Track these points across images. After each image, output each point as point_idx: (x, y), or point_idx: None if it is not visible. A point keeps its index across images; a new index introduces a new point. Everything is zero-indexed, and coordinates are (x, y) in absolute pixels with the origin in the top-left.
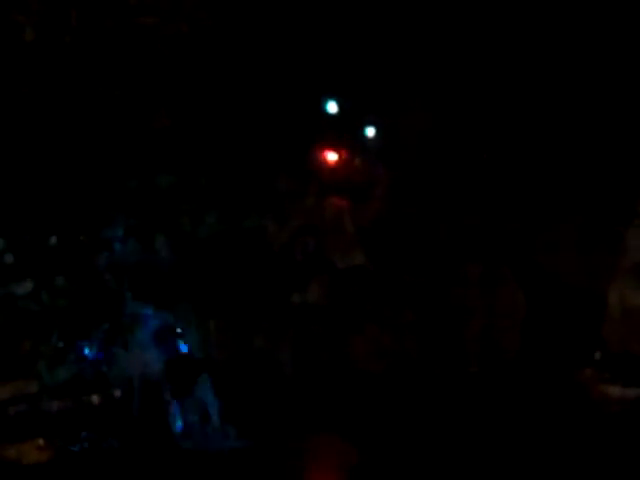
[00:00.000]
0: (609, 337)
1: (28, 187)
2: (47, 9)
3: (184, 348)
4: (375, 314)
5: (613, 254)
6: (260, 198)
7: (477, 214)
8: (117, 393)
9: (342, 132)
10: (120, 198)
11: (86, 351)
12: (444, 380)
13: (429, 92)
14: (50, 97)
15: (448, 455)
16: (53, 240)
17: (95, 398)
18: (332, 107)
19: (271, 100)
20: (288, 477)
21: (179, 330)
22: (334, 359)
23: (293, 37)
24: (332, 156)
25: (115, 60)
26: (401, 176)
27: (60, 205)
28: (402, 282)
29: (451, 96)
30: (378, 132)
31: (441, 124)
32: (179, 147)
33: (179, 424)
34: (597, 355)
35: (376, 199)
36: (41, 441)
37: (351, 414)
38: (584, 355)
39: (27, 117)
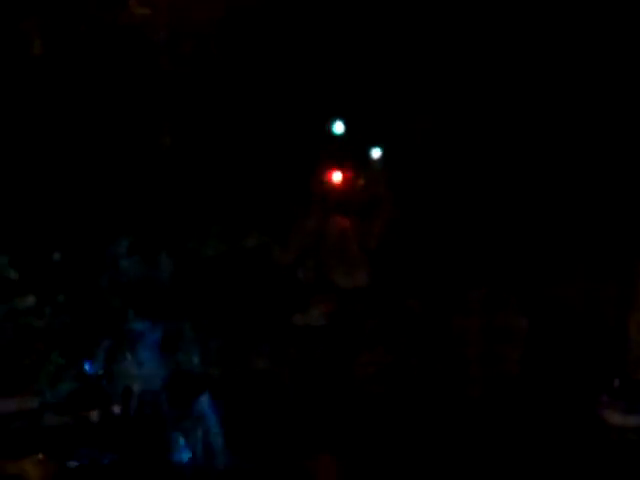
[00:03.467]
0: (629, 364)
1: (32, 202)
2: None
3: (185, 365)
4: (378, 336)
5: (624, 282)
6: (263, 218)
7: (482, 238)
8: (117, 409)
9: (347, 152)
10: (124, 215)
11: (87, 367)
12: (446, 403)
13: (434, 115)
14: (55, 110)
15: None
16: (57, 256)
17: (95, 414)
18: (338, 128)
19: (276, 119)
20: None
21: (180, 348)
22: (336, 380)
23: (299, 58)
24: (337, 176)
25: (120, 75)
26: (405, 197)
27: (64, 221)
28: (405, 304)
29: (455, 119)
30: (383, 153)
31: (446, 147)
32: (183, 165)
33: (180, 443)
34: (616, 382)
35: (380, 220)
36: (41, 457)
37: (351, 435)
38: (597, 382)
39: (32, 130)
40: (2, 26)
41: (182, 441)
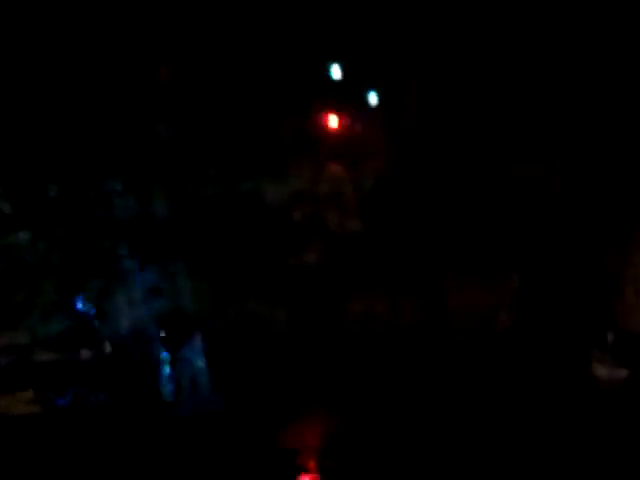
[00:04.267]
0: (623, 318)
1: (30, 135)
2: None
3: (177, 307)
4: (370, 280)
5: (620, 240)
6: (259, 161)
7: (477, 188)
8: (107, 348)
9: (344, 97)
10: (121, 151)
11: (79, 305)
12: (435, 351)
13: (432, 60)
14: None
15: (433, 427)
16: (53, 191)
17: (85, 352)
18: (336, 72)
19: (274, 61)
20: (273, 443)
21: (172, 289)
22: (329, 321)
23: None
24: (334, 121)
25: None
26: (401, 144)
27: (61, 155)
28: (397, 250)
29: (452, 67)
30: (380, 98)
31: (442, 93)
32: (181, 101)
33: (168, 384)
34: (609, 336)
35: (375, 166)
36: (31, 393)
37: (341, 381)
38: (590, 336)
39: (31, 67)
40: None
41: (170, 382)
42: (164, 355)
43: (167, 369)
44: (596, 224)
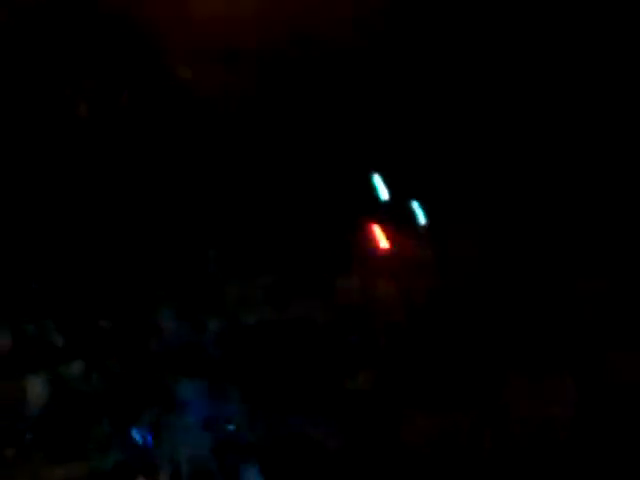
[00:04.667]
0: None
1: (79, 270)
2: None
3: (232, 433)
4: (424, 398)
5: None
6: (308, 285)
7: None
8: (165, 478)
9: (393, 217)
10: (173, 282)
11: (135, 436)
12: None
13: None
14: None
15: None
16: (105, 323)
17: None
18: (383, 192)
19: (322, 178)
20: None
21: (228, 416)
22: (383, 446)
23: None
24: (383, 242)
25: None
26: (451, 259)
27: (111, 287)
28: (450, 368)
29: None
30: (428, 215)
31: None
32: (223, 230)
33: None
34: None
35: (425, 285)
36: None
37: None
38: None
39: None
40: None
41: None
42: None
43: None
44: None
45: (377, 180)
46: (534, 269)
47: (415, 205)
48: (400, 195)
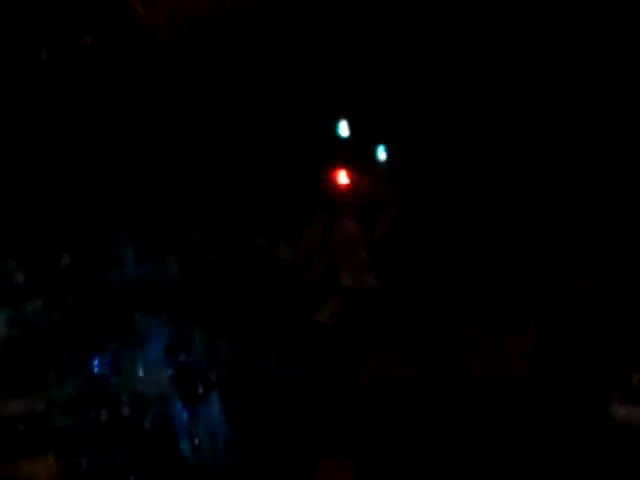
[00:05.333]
0: None
1: (38, 205)
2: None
3: (193, 365)
4: (386, 337)
5: None
6: (271, 219)
7: (490, 236)
8: (125, 410)
9: (353, 153)
10: (133, 218)
11: (95, 368)
12: (450, 403)
13: (441, 112)
14: (62, 116)
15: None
16: (65, 259)
17: (104, 414)
18: (344, 129)
19: (282, 119)
20: None
21: (188, 347)
22: (342, 381)
23: (304, 57)
24: (344, 178)
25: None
26: (412, 197)
27: (72, 223)
28: (412, 306)
29: (459, 117)
30: (389, 153)
31: (452, 146)
32: (189, 165)
33: (187, 441)
34: (636, 376)
35: (387, 220)
36: (51, 457)
37: (356, 436)
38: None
39: (37, 131)
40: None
41: (190, 441)
42: (182, 413)
43: (185, 427)
44: (618, 254)
45: (338, 118)
46: (496, 203)
47: (376, 142)
48: (361, 132)
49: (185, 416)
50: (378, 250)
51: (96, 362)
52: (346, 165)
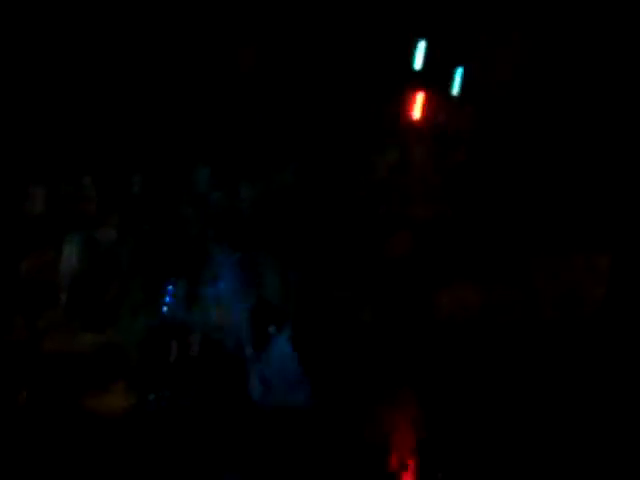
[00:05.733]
0: None
1: (114, 127)
2: None
3: (266, 300)
4: (458, 269)
5: None
6: (343, 151)
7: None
8: (196, 347)
9: (427, 83)
10: (206, 141)
11: (169, 298)
12: (521, 343)
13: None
14: None
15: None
16: (136, 188)
17: (174, 350)
18: (418, 60)
19: (359, 48)
20: (364, 434)
21: (261, 282)
22: (417, 312)
23: None
24: (418, 108)
25: None
26: (489, 125)
27: (145, 149)
28: (487, 236)
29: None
30: (466, 78)
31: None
32: (262, 93)
33: (257, 381)
34: None
35: (460, 150)
36: (122, 388)
37: (431, 368)
38: None
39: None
40: None
41: (260, 377)
42: (252, 350)
43: (256, 363)
44: None
45: (413, 48)
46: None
47: (450, 73)
48: (435, 63)
49: (256, 355)
50: (451, 180)
51: (169, 294)
52: (420, 95)
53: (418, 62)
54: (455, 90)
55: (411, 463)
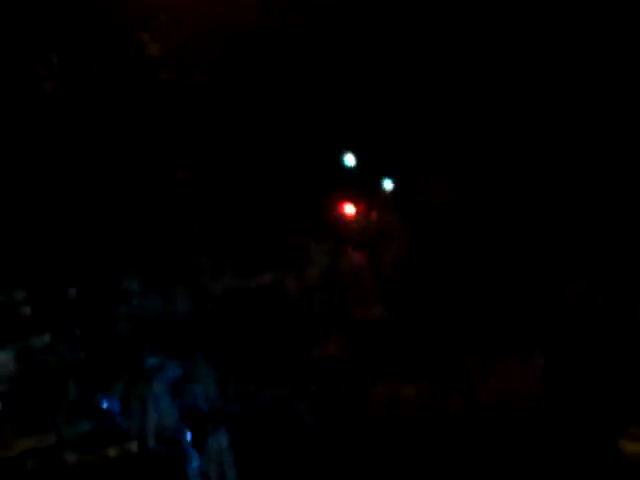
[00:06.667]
0: None
1: (47, 239)
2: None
3: (201, 400)
4: (394, 366)
5: None
6: (276, 253)
7: (495, 269)
8: (134, 446)
9: (359, 185)
10: (140, 251)
11: (104, 404)
12: (460, 431)
13: (448, 145)
14: (67, 147)
15: None
16: (72, 293)
17: (112, 451)
18: (350, 160)
19: (286, 152)
20: None
21: (196, 383)
22: (353, 410)
23: (309, 89)
24: (349, 209)
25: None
26: (418, 228)
27: (80, 257)
28: (420, 334)
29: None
30: (395, 185)
31: (459, 180)
32: (196, 199)
33: (196, 476)
34: None
35: (394, 252)
36: None
37: (370, 463)
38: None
39: (45, 166)
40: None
41: (199, 476)
42: (191, 450)
43: (194, 464)
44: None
45: (344, 149)
46: (506, 240)
47: (382, 172)
48: (367, 164)
49: (194, 452)
50: (385, 281)
51: (105, 399)
52: (352, 197)
53: (349, 162)
54: (386, 192)
55: None
